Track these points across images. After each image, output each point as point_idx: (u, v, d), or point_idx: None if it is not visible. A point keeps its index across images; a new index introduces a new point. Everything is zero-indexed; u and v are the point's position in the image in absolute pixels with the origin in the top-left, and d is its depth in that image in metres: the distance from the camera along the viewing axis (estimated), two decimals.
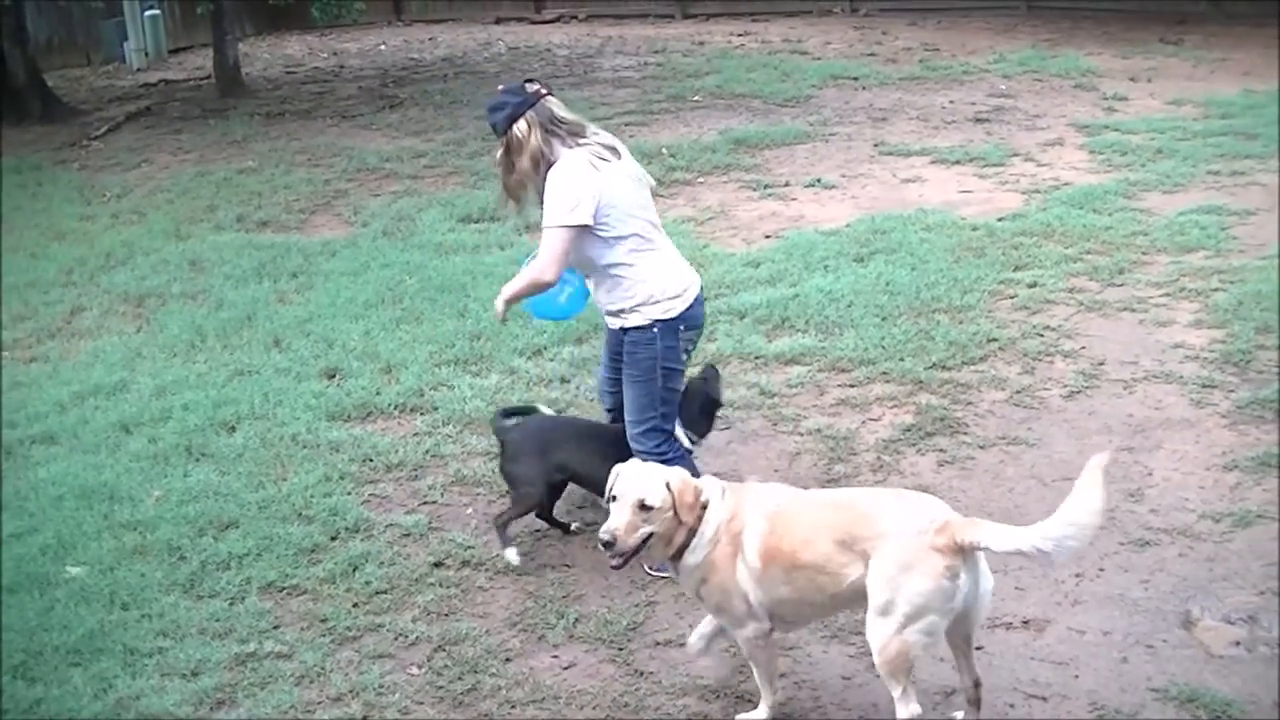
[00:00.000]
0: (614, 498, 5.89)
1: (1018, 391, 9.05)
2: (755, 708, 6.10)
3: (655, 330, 6.99)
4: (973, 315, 10.24)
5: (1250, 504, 7.55)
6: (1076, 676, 6.23)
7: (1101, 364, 9.40)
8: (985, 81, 19.01)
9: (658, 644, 6.68)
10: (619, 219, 6.88)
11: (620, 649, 6.65)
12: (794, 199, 13.74)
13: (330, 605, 7.14)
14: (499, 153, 7.07)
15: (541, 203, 6.92)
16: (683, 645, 6.56)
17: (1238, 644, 6.41)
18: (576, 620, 6.85)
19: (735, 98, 18.56)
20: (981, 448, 8.32)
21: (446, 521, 7.95)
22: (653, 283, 6.96)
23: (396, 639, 6.83)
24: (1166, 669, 6.24)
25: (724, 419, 8.86)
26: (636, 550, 5.91)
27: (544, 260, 6.86)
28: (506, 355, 10.04)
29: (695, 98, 18.51)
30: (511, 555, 7.39)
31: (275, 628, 6.99)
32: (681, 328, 7.04)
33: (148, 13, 25.15)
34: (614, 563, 5.94)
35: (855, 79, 19.39)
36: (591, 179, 6.81)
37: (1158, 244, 11.60)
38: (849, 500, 5.94)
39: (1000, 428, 8.57)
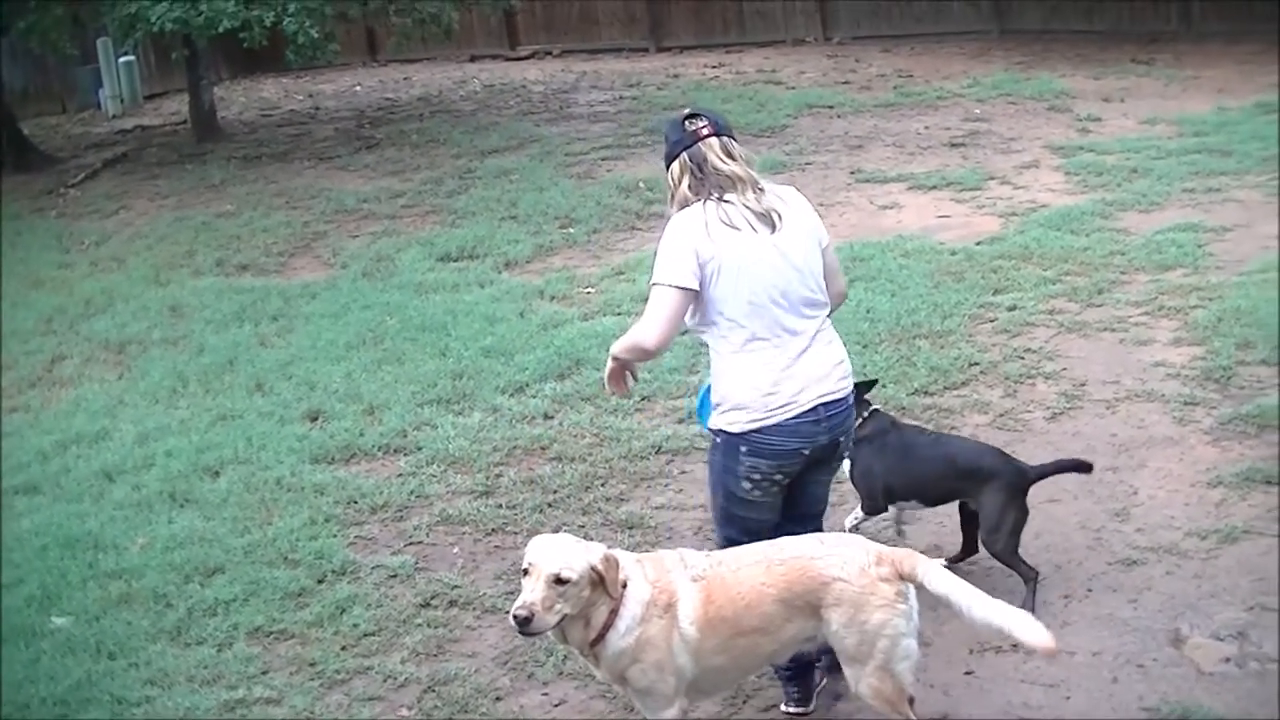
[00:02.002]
0: (526, 570, 5.49)
1: (1001, 415, 9.06)
2: None
3: (718, 440, 6.01)
4: (954, 340, 10.26)
5: (1236, 520, 7.56)
6: (1068, 698, 6.22)
7: (1083, 384, 9.42)
8: (960, 106, 19.05)
9: None
10: (724, 297, 5.80)
11: (610, 685, 6.62)
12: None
13: (318, 649, 7.12)
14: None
15: None
16: None
17: (1228, 660, 6.40)
18: (565, 657, 6.80)
19: None
20: None
21: (433, 561, 7.93)
22: (731, 387, 5.89)
23: (386, 681, 6.81)
24: (1157, 688, 6.24)
25: (707, 451, 8.85)
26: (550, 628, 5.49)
27: (646, 322, 5.83)
28: (489, 393, 10.03)
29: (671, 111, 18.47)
30: None
31: (264, 673, 6.97)
32: (743, 450, 5.89)
33: (122, 59, 25.13)
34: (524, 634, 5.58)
35: (830, 107, 19.42)
36: (696, 239, 5.77)
37: (1135, 263, 11.63)
38: (780, 555, 5.62)
39: None
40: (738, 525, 6.10)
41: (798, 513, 6.15)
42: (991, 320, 10.61)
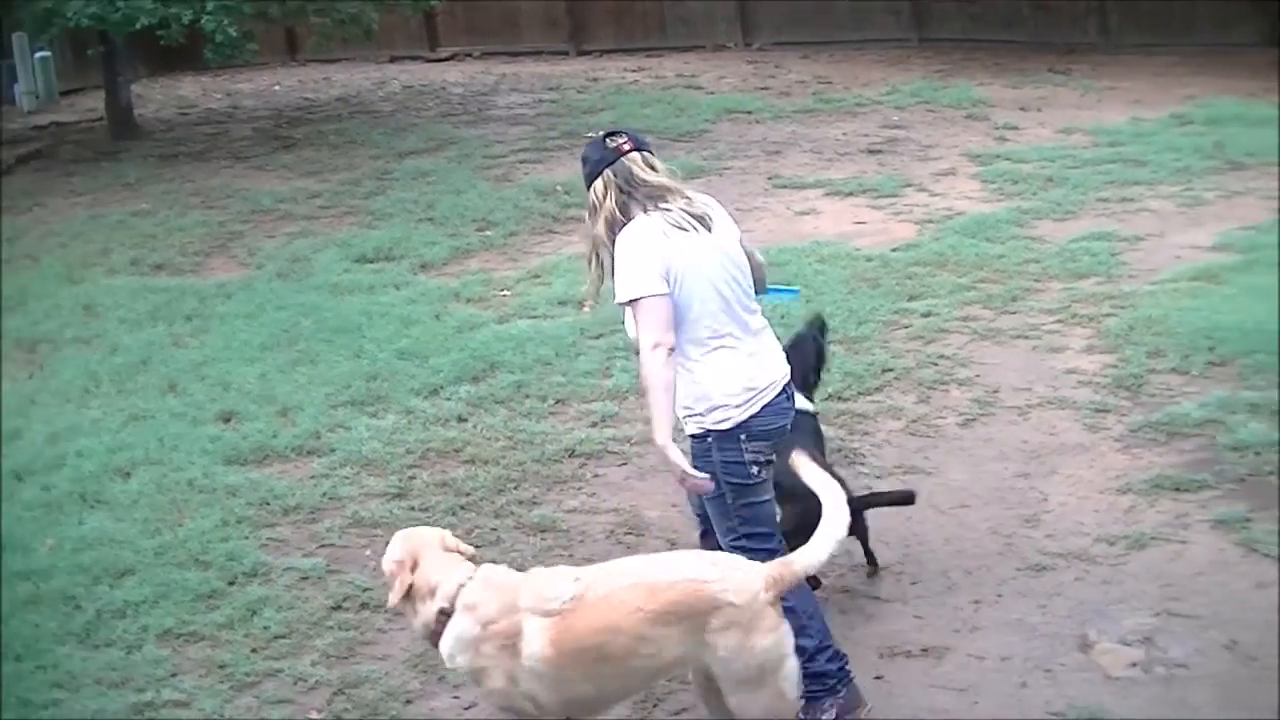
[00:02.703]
0: None
1: (914, 421, 9.11)
2: None
3: (710, 441, 6.03)
4: (868, 346, 10.31)
5: (1145, 526, 7.62)
6: (976, 703, 6.26)
7: (996, 391, 9.48)
8: (878, 113, 19.14)
9: None
10: (684, 301, 5.88)
11: None
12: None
13: (229, 651, 7.07)
14: (586, 212, 6.24)
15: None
16: None
17: (1135, 665, 6.46)
18: None
19: None
20: (879, 477, 8.35)
21: (345, 564, 7.89)
22: (708, 387, 5.96)
23: (296, 684, 6.77)
24: (1065, 692, 6.28)
25: (621, 455, 8.89)
26: None
27: (648, 335, 5.80)
28: (403, 396, 10.00)
29: (590, 134, 18.40)
30: None
31: (173, 675, 6.91)
32: (743, 438, 5.99)
33: (38, 54, 24.86)
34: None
35: (749, 113, 19.47)
36: (657, 246, 5.85)
37: (1050, 271, 11.72)
38: (669, 576, 5.50)
39: (897, 457, 8.62)
40: (757, 518, 6.15)
41: None
42: (906, 326, 10.67)
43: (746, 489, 6.07)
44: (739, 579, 5.44)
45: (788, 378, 6.20)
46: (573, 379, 10.05)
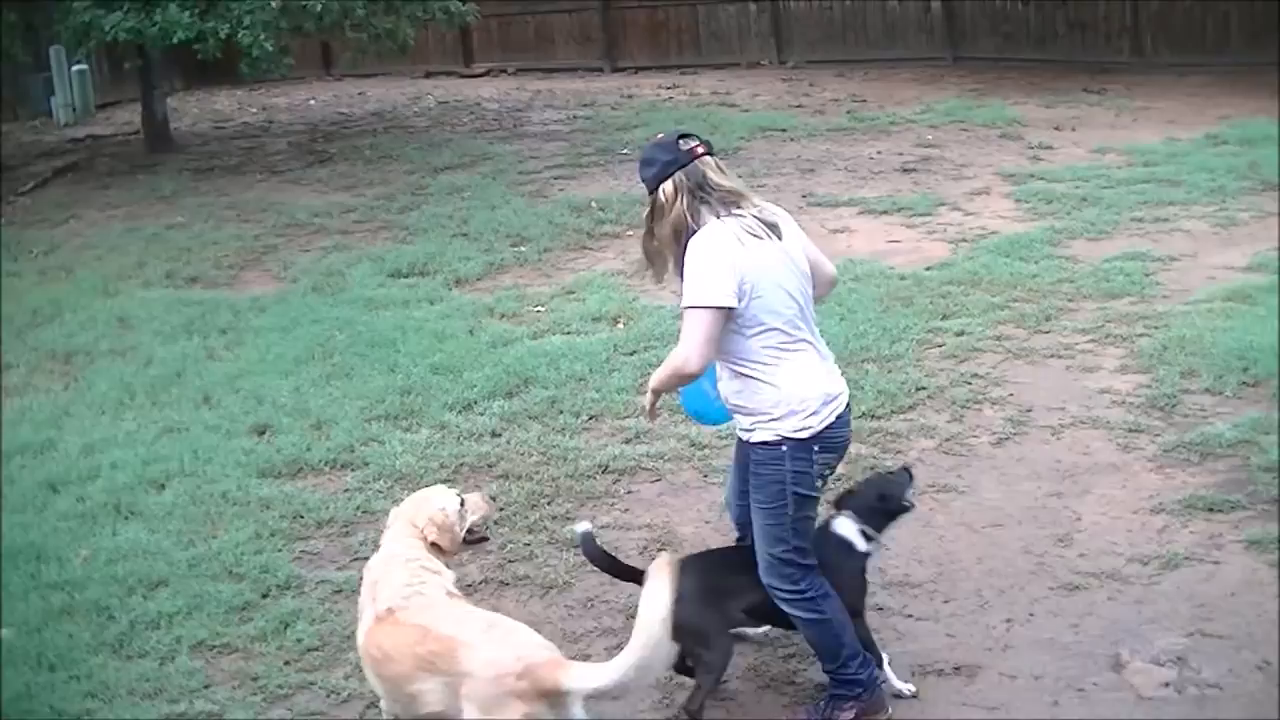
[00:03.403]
0: None
1: (947, 439, 9.10)
2: None
3: (784, 449, 5.94)
4: (901, 364, 10.30)
5: (1178, 546, 7.61)
6: None
7: (1029, 410, 9.47)
8: (912, 132, 19.15)
9: (591, 696, 6.63)
10: (762, 308, 5.85)
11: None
12: None
13: (261, 663, 7.09)
14: (644, 212, 6.22)
15: (681, 274, 5.98)
16: (616, 699, 6.55)
17: (1167, 685, 6.44)
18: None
19: None
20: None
21: None
22: (788, 392, 5.90)
23: (329, 696, 6.78)
24: (1097, 712, 6.27)
25: (654, 471, 8.89)
26: None
27: (686, 346, 5.84)
28: (437, 410, 10.02)
29: (624, 151, 18.53)
30: None
31: (206, 687, 6.93)
32: (816, 449, 5.95)
33: (75, 68, 25.05)
34: None
35: (783, 130, 19.49)
36: (733, 255, 5.82)
37: (1083, 291, 11.70)
38: (440, 629, 5.53)
39: (930, 475, 8.60)
40: (808, 533, 6.14)
41: None
42: (939, 345, 10.66)
43: (808, 501, 6.04)
44: (493, 655, 5.32)
45: (846, 392, 6.17)
46: (606, 395, 10.06)
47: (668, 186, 5.96)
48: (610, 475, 8.93)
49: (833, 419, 5.96)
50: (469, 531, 6.22)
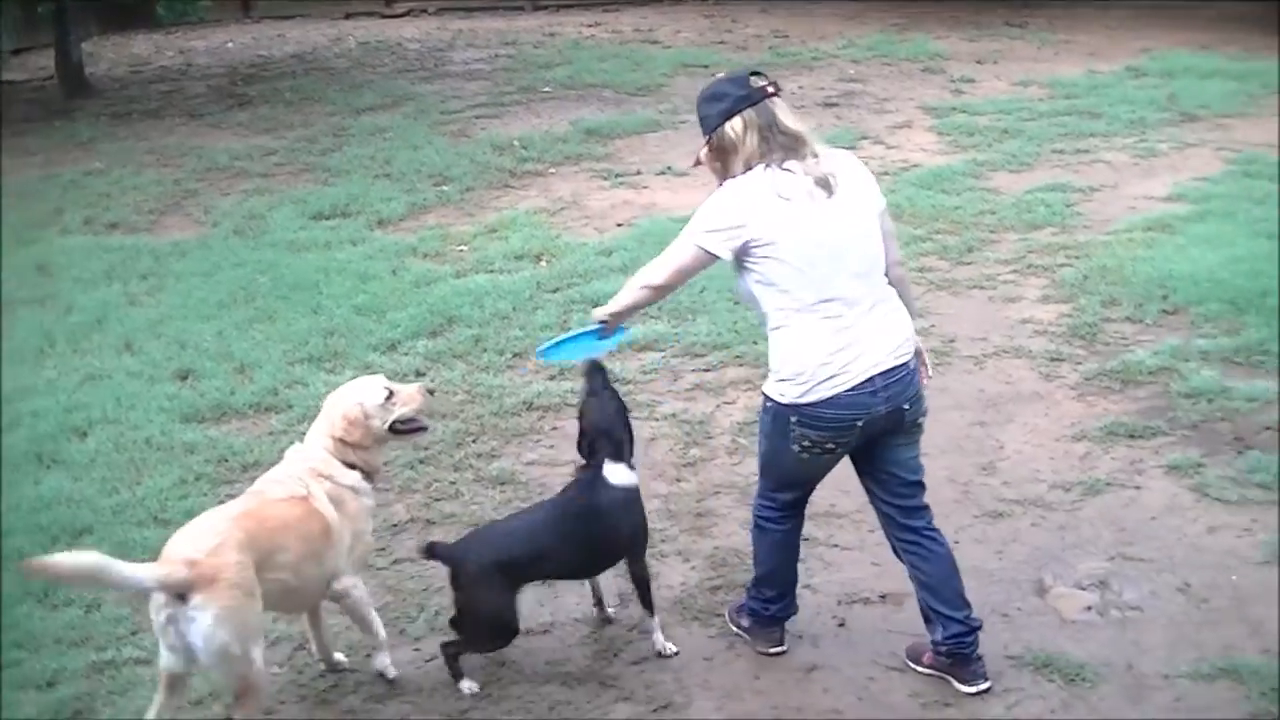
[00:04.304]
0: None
1: None
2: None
3: (769, 406, 5.85)
4: None
5: (1099, 473, 7.72)
6: None
7: (953, 341, 9.53)
8: (835, 67, 19.17)
9: (520, 633, 6.66)
10: (782, 274, 5.62)
11: None
12: (646, 187, 13.78)
13: None
14: (703, 152, 5.86)
15: None
16: (544, 634, 6.59)
17: (1090, 609, 6.54)
18: (437, 613, 6.80)
19: (587, 88, 18.56)
20: None
21: None
22: (788, 355, 5.71)
23: None
24: (1022, 636, 6.35)
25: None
26: None
27: (660, 263, 5.83)
28: (361, 351, 9.98)
29: (546, 89, 18.49)
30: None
31: (133, 634, 6.87)
32: (793, 419, 5.75)
33: None
34: None
35: (706, 67, 19.41)
36: (749, 212, 5.59)
37: (1005, 222, 11.78)
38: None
39: None
40: (783, 480, 6.12)
41: (896, 481, 6.08)
42: None
43: (781, 457, 5.95)
44: (178, 539, 5.66)
45: (888, 366, 5.73)
46: (531, 333, 10.05)
47: (736, 123, 5.66)
48: (535, 412, 8.93)
49: (821, 396, 5.65)
50: (403, 422, 6.22)
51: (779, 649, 6.40)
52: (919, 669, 6.18)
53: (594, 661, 6.41)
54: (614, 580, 6.74)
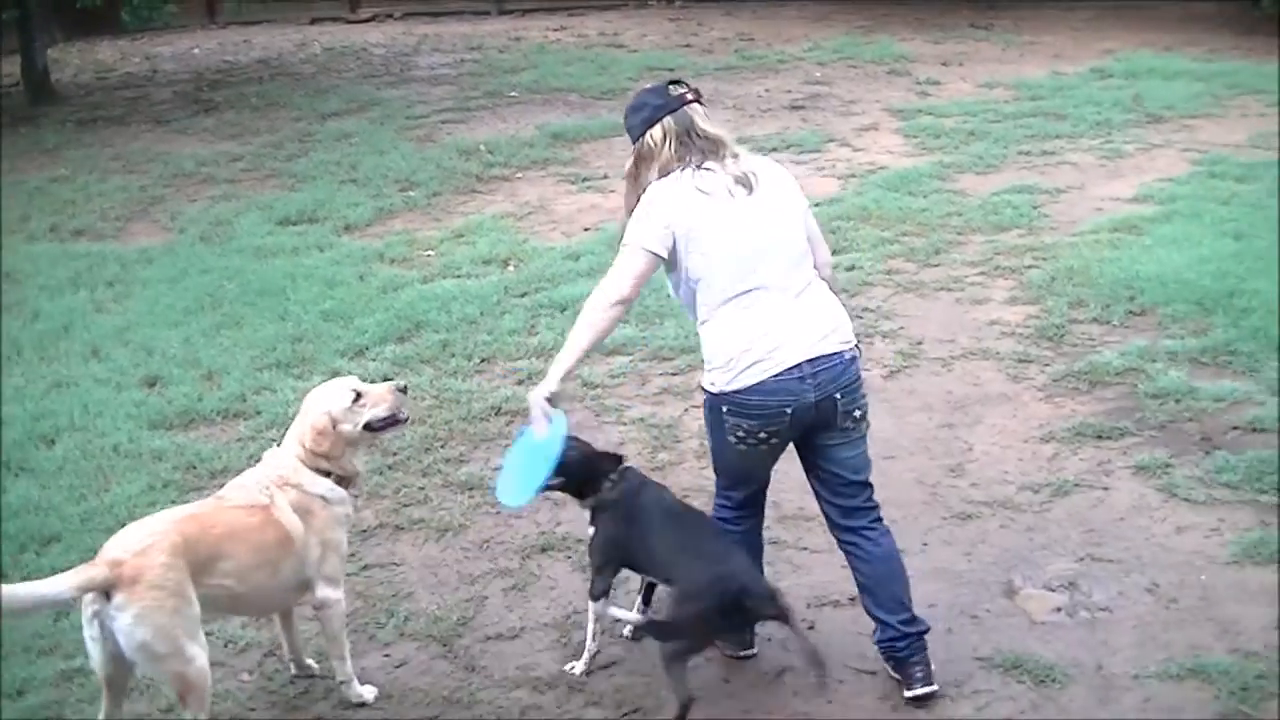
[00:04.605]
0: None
1: None
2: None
3: (707, 399, 5.91)
4: None
5: (1067, 474, 7.74)
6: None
7: (920, 343, 9.55)
8: (800, 69, 19.21)
9: (488, 638, 6.66)
10: (706, 267, 5.70)
11: (451, 645, 6.62)
12: (612, 191, 13.75)
13: None
14: (629, 162, 6.01)
15: None
16: (513, 638, 6.59)
17: (1059, 610, 6.56)
18: (407, 618, 6.81)
19: (552, 92, 18.56)
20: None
21: None
22: (715, 345, 5.77)
23: (226, 646, 6.73)
24: (991, 638, 6.37)
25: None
26: None
27: (613, 277, 5.82)
28: (329, 357, 9.95)
29: (512, 93, 18.47)
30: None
31: None
32: (724, 409, 5.78)
33: None
34: None
35: (672, 70, 19.39)
36: (671, 209, 5.70)
37: (972, 224, 11.82)
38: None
39: None
40: (730, 474, 6.14)
41: (837, 480, 6.05)
42: None
43: (725, 450, 5.96)
44: (117, 539, 5.63)
45: (817, 353, 5.73)
46: (498, 337, 10.05)
47: (656, 131, 5.83)
48: (504, 417, 8.92)
49: (746, 382, 5.68)
50: (379, 420, 6.21)
51: (749, 651, 6.40)
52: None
53: (563, 666, 6.40)
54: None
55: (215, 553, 5.68)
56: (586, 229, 12.59)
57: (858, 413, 5.96)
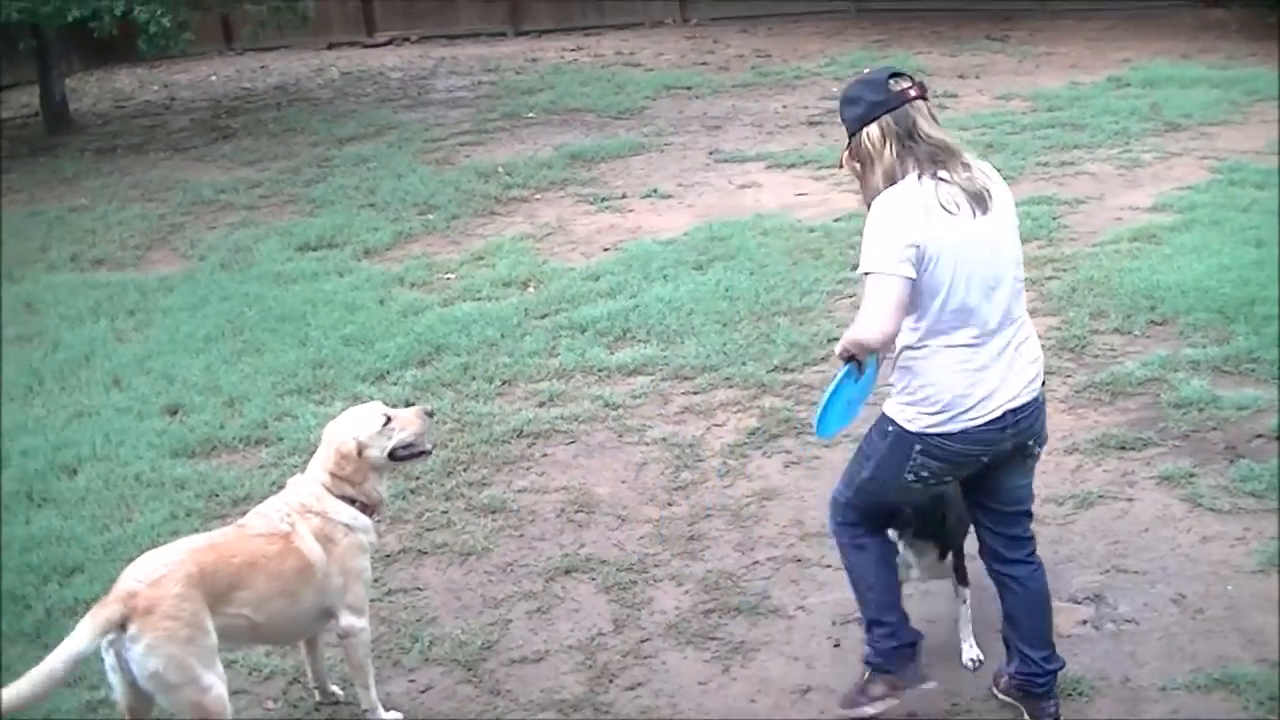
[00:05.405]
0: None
1: None
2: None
3: (891, 429, 5.47)
4: (813, 316, 10.33)
5: (1091, 485, 7.70)
6: (929, 664, 6.27)
7: None
8: (817, 85, 19.20)
9: (513, 662, 6.64)
10: (935, 289, 5.21)
11: (475, 669, 6.61)
12: (631, 210, 13.78)
13: None
14: (844, 154, 5.49)
15: None
16: (538, 662, 6.57)
17: (1085, 623, 6.53)
18: (431, 643, 6.80)
19: (570, 113, 18.59)
20: (827, 447, 8.32)
21: None
22: (925, 380, 5.36)
23: (250, 674, 6.73)
24: None
25: (569, 433, 8.88)
26: None
27: (868, 314, 5.23)
28: (349, 382, 9.96)
29: (530, 115, 18.51)
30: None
31: None
32: (917, 448, 5.38)
33: None
34: None
35: (688, 88, 19.50)
36: (915, 224, 5.15)
37: None
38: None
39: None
40: (878, 502, 5.74)
41: (1004, 511, 5.78)
42: (850, 296, 10.67)
43: (883, 483, 5.61)
44: (133, 568, 5.66)
45: (1020, 403, 5.41)
46: (519, 359, 10.04)
47: (873, 130, 5.25)
48: (525, 439, 8.91)
49: (952, 428, 5.32)
50: (404, 448, 6.17)
51: (930, 684, 6.04)
52: (996, 692, 6.07)
53: (589, 688, 6.39)
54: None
55: (233, 582, 5.68)
56: (606, 249, 12.58)
57: (1040, 449, 5.72)
